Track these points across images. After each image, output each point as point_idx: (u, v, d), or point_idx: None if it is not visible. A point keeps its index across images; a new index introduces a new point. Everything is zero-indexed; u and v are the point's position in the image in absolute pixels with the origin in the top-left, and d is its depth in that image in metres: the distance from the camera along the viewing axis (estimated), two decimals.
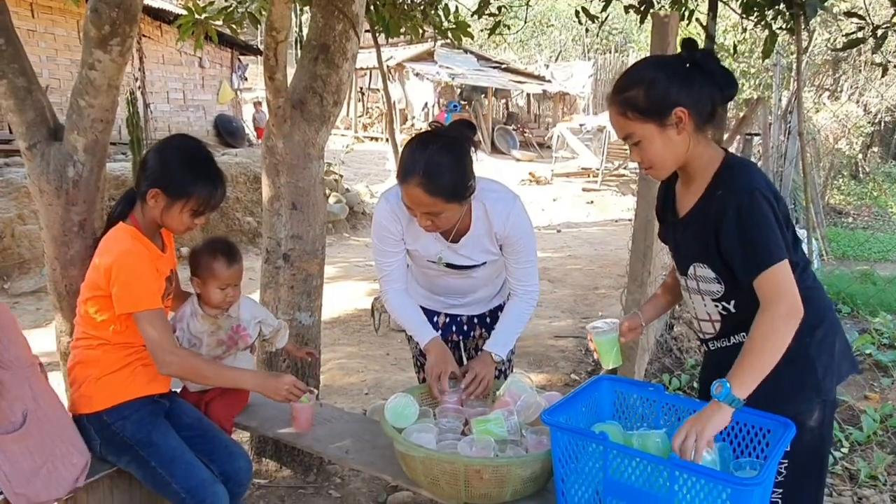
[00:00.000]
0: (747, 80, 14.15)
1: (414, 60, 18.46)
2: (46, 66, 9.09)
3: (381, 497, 2.93)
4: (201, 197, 2.01)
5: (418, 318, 2.30)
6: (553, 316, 6.00)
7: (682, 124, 1.60)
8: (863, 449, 3.36)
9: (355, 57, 2.83)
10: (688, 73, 1.60)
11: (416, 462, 1.81)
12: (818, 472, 1.75)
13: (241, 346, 2.40)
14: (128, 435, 2.02)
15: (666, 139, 1.62)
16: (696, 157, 1.66)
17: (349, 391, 4.25)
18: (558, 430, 1.62)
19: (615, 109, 1.65)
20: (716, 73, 1.61)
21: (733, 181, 1.62)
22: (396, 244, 2.21)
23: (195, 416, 2.24)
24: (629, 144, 1.68)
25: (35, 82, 2.32)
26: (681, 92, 1.58)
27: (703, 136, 1.66)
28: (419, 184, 1.90)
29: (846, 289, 6.03)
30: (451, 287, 2.34)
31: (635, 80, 1.62)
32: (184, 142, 2.12)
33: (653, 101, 1.59)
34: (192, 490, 1.97)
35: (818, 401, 1.68)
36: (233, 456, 2.16)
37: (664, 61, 1.67)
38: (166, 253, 2.17)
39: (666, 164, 1.68)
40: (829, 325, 1.70)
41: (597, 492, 1.61)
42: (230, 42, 11.89)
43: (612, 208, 13.69)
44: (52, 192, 2.28)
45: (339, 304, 6.18)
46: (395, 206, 2.14)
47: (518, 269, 2.20)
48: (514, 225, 2.11)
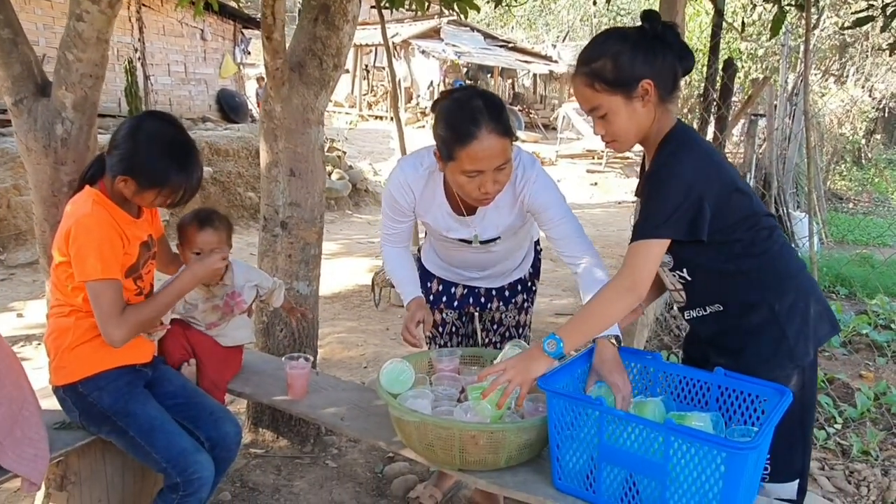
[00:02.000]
0: (754, 62, 14.01)
1: (420, 38, 18.31)
2: (43, 35, 9.00)
3: (378, 468, 2.93)
4: (176, 186, 1.92)
5: (407, 275, 2.22)
6: (554, 294, 6.00)
7: (647, 96, 1.61)
8: (856, 425, 3.37)
9: (356, 19, 2.77)
10: (651, 44, 1.60)
11: (410, 427, 1.80)
12: (803, 439, 1.74)
13: (237, 313, 2.38)
14: (105, 406, 1.96)
15: (631, 111, 1.63)
16: (657, 130, 1.68)
17: (348, 365, 4.24)
18: (554, 396, 1.60)
19: (582, 81, 1.65)
20: (676, 45, 1.62)
21: (662, 150, 1.65)
22: (405, 214, 2.14)
23: (179, 382, 2.18)
24: (594, 117, 1.68)
25: (21, 34, 2.22)
26: (645, 64, 1.59)
27: (665, 109, 1.67)
28: (492, 129, 1.77)
29: (844, 271, 6.05)
30: (469, 261, 2.27)
31: (602, 52, 1.62)
32: (159, 127, 1.96)
33: (620, 73, 1.59)
34: (173, 459, 1.92)
35: (792, 366, 1.68)
36: (218, 421, 2.09)
37: (627, 33, 1.66)
38: (141, 218, 2.07)
39: (629, 137, 1.68)
40: (799, 291, 1.70)
41: (592, 458, 1.59)
42: (233, 15, 11.78)
43: (616, 190, 13.64)
44: (40, 150, 2.22)
45: (340, 279, 6.18)
46: (410, 177, 2.05)
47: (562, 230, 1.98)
48: (539, 186, 1.97)
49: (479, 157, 1.78)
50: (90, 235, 1.87)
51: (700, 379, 1.72)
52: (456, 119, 1.80)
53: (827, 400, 3.47)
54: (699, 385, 1.72)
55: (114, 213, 1.96)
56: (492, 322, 2.47)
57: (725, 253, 1.66)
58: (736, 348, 1.71)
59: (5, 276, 5.98)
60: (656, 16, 1.63)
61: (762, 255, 1.67)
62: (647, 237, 1.60)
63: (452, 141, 1.80)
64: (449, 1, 4.58)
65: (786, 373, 1.67)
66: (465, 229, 2.11)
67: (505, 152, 1.81)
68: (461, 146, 1.78)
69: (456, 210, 2.07)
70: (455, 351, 2.20)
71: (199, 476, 1.93)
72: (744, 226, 1.65)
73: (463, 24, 19.08)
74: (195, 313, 2.34)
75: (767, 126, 7.64)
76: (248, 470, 2.88)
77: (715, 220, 1.60)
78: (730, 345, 1.73)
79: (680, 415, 1.58)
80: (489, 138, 1.76)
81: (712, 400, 1.69)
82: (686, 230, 1.59)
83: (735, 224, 1.64)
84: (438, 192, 2.07)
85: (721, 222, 1.61)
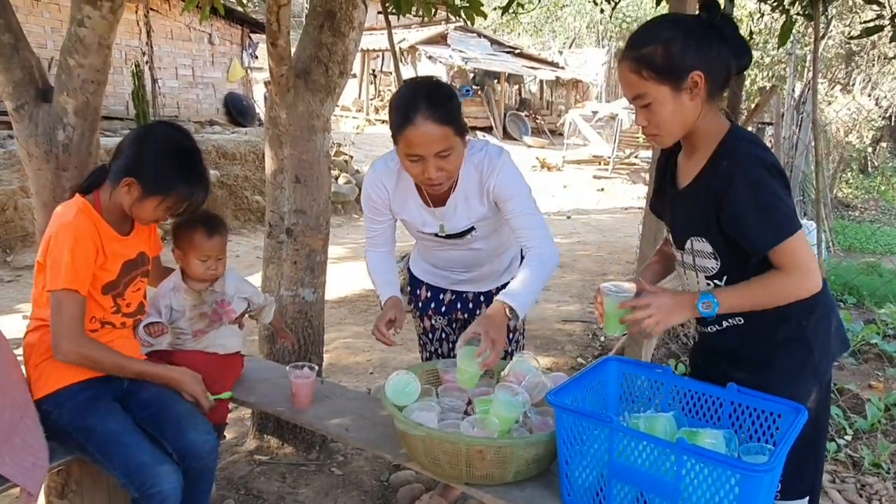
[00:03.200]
0: (761, 70, 13.95)
1: (427, 43, 18.32)
2: (51, 38, 9.00)
3: (384, 476, 2.90)
4: (180, 196, 1.90)
5: (384, 276, 2.23)
6: (561, 300, 5.96)
7: (696, 89, 1.52)
8: (867, 437, 3.32)
9: (362, 26, 2.76)
10: (706, 35, 1.51)
11: (416, 441, 1.77)
12: (815, 456, 1.71)
13: (225, 321, 2.33)
14: (65, 423, 1.90)
15: (678, 104, 1.53)
16: (704, 126, 1.58)
17: (354, 371, 4.22)
18: (563, 412, 1.57)
19: (628, 66, 1.54)
20: (733, 39, 1.53)
21: (740, 152, 1.54)
22: (382, 213, 2.20)
23: (154, 390, 2.06)
24: (636, 106, 1.58)
25: (23, 39, 2.20)
26: (698, 55, 1.50)
27: (714, 105, 1.58)
28: (428, 116, 1.83)
29: (852, 280, 5.99)
30: (453, 259, 2.28)
31: (653, 38, 1.52)
32: (171, 133, 1.96)
33: (671, 62, 1.49)
34: (131, 474, 1.83)
35: (814, 383, 1.65)
36: (182, 430, 1.96)
37: (683, 20, 1.57)
38: (131, 236, 2.04)
39: (674, 131, 1.58)
40: (824, 307, 1.66)
41: (602, 475, 1.56)
42: (240, 19, 11.80)
43: (623, 196, 13.61)
44: (41, 156, 2.20)
45: (346, 283, 6.16)
46: (381, 174, 2.12)
47: (522, 222, 2.05)
48: (504, 177, 2.02)
49: (416, 142, 1.85)
50: (65, 244, 1.83)
51: (712, 394, 1.68)
52: (399, 105, 1.90)
53: (837, 411, 3.43)
54: (711, 400, 1.69)
55: (98, 226, 1.93)
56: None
57: (762, 266, 1.57)
58: (758, 362, 1.66)
59: (12, 277, 5.99)
60: (716, 6, 1.53)
61: None
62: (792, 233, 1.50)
63: (394, 125, 1.90)
64: (456, 7, 4.57)
65: (807, 389, 1.63)
66: (438, 221, 2.14)
67: (444, 140, 1.87)
68: (400, 131, 1.88)
69: (426, 202, 2.11)
70: None
71: (158, 490, 1.82)
72: None
73: (469, 31, 19.07)
74: (181, 322, 2.27)
75: (774, 134, 7.60)
76: (252, 477, 2.86)
77: None
78: (751, 358, 1.67)
79: (692, 431, 1.54)
80: (425, 125, 1.83)
81: (724, 416, 1.65)
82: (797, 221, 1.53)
83: None
84: (410, 186, 2.11)
85: None
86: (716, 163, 1.57)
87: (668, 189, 1.77)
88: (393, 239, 2.28)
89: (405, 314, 2.15)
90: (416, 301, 2.46)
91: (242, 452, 3.05)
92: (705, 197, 1.58)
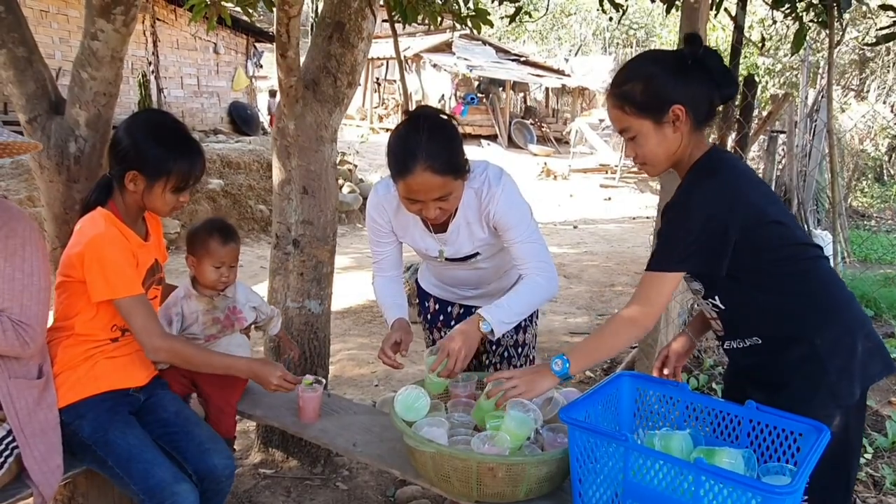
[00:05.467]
0: (772, 77, 13.89)
1: (431, 51, 18.36)
2: (59, 48, 9.08)
3: (390, 491, 2.86)
4: (181, 172, 1.91)
5: (392, 300, 2.20)
6: (568, 312, 5.91)
7: (678, 122, 1.57)
8: (888, 455, 3.26)
9: (371, 37, 2.75)
10: (687, 69, 1.56)
11: (426, 457, 1.73)
12: (845, 482, 1.66)
13: (237, 328, 2.33)
14: (84, 435, 1.90)
15: (661, 136, 1.60)
16: (690, 155, 1.64)
17: (359, 382, 4.19)
18: (576, 429, 1.54)
19: (612, 102, 1.63)
20: (715, 72, 1.57)
21: (686, 177, 1.63)
22: (386, 235, 2.17)
23: (174, 409, 2.08)
24: (625, 139, 1.66)
25: (36, 52, 2.23)
26: (677, 89, 1.56)
27: (699, 135, 1.63)
28: (427, 167, 1.81)
29: (870, 292, 5.89)
30: (460, 278, 2.26)
31: (633, 75, 1.60)
32: (152, 116, 2.01)
33: (650, 97, 1.57)
34: (150, 490, 1.82)
35: (834, 406, 1.59)
36: (206, 454, 1.97)
37: (662, 56, 1.63)
38: (149, 241, 2.06)
39: (659, 161, 1.65)
40: (845, 325, 1.61)
41: (616, 494, 1.52)
42: (246, 28, 11.86)
43: (630, 205, 13.55)
44: (53, 168, 2.22)
45: (350, 294, 6.13)
46: (383, 198, 2.10)
47: (518, 248, 2.02)
48: (503, 204, 1.98)
49: (414, 189, 1.84)
50: (107, 253, 1.86)
51: (730, 412, 1.64)
52: (397, 151, 1.86)
53: None
54: (729, 418, 1.65)
55: (126, 234, 1.95)
56: (490, 342, 2.41)
57: (759, 285, 1.60)
58: (774, 384, 1.63)
59: None
60: (698, 40, 1.58)
61: (801, 288, 1.59)
62: (660, 269, 1.59)
63: (393, 170, 1.87)
64: (462, 16, 4.56)
65: (827, 412, 1.57)
66: (442, 246, 2.12)
67: (444, 187, 1.85)
68: (399, 177, 1.85)
69: (427, 227, 2.09)
70: (471, 376, 2.13)
71: None
72: (779, 258, 1.58)
73: (474, 38, 19.12)
74: (194, 327, 2.26)
75: (787, 142, 7.55)
76: (257, 491, 2.82)
77: (744, 252, 1.54)
78: (767, 380, 1.65)
79: (709, 450, 1.50)
80: (423, 175, 1.81)
81: (743, 434, 1.62)
82: (703, 264, 1.57)
83: (769, 256, 1.57)
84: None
85: (751, 254, 1.55)
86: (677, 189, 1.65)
87: None
88: (400, 262, 2.26)
89: (412, 336, 2.12)
90: (424, 313, 2.45)
91: (247, 465, 3.02)
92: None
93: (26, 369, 1.80)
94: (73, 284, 1.91)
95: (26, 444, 1.76)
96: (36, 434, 1.78)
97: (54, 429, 1.83)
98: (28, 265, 1.72)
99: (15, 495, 1.80)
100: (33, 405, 1.79)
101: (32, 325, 1.72)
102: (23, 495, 1.82)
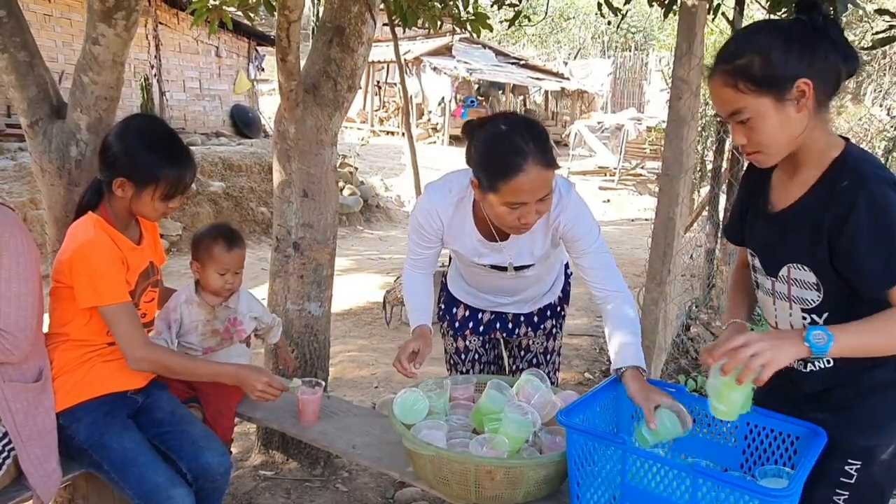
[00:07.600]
0: None
1: (431, 55, 18.37)
2: (62, 52, 9.09)
3: (389, 493, 2.87)
4: (170, 180, 1.90)
5: (420, 302, 2.13)
6: (569, 313, 5.88)
7: (804, 99, 1.34)
8: None
9: (371, 41, 2.76)
10: (810, 39, 1.34)
11: (425, 460, 1.74)
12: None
13: (235, 340, 2.32)
14: (81, 438, 1.90)
15: (783, 117, 1.36)
16: (812, 141, 1.40)
17: (359, 384, 4.19)
18: (574, 432, 1.55)
19: (722, 80, 1.38)
20: (839, 42, 1.36)
21: (862, 172, 1.36)
22: (432, 241, 2.06)
23: (170, 408, 2.08)
24: (732, 124, 1.41)
25: (38, 57, 2.24)
26: (802, 61, 1.33)
27: (823, 117, 1.40)
28: (538, 161, 1.67)
29: None
30: (500, 287, 2.20)
31: (749, 47, 1.36)
32: (145, 122, 2.00)
33: (771, 71, 1.33)
34: (145, 495, 1.83)
35: None
36: (199, 451, 1.97)
37: (781, 25, 1.40)
38: (142, 245, 2.05)
39: (779, 147, 1.40)
40: None
41: (614, 496, 1.53)
42: (247, 32, 11.87)
43: (629, 207, 13.56)
44: (54, 171, 2.23)
45: (350, 296, 6.14)
46: (438, 204, 1.97)
47: (593, 261, 1.92)
48: (573, 212, 1.89)
49: (524, 189, 1.69)
50: (95, 260, 1.85)
51: None
52: (500, 151, 1.71)
53: None
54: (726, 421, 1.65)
55: (116, 239, 1.94)
56: (519, 348, 2.41)
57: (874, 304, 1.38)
58: (845, 406, 1.51)
59: None
60: (816, 6, 1.36)
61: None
62: None
63: (496, 173, 1.71)
64: (462, 20, 4.58)
65: (892, 441, 1.46)
66: (498, 255, 2.03)
67: (548, 184, 1.73)
68: (505, 180, 1.68)
69: (488, 237, 1.99)
70: (470, 378, 2.15)
71: None
72: None
73: (474, 42, 19.15)
74: (192, 337, 2.26)
75: None
76: (257, 493, 2.83)
77: None
78: (837, 402, 1.52)
79: None
80: (534, 170, 1.67)
81: (740, 436, 1.63)
82: None
83: None
84: (468, 218, 1.99)
85: None
86: (830, 183, 1.40)
87: (761, 211, 1.59)
88: (435, 263, 2.18)
89: (430, 349, 2.02)
90: (451, 321, 2.38)
91: (247, 467, 3.02)
92: (816, 220, 1.41)
93: (22, 373, 1.80)
94: (65, 290, 1.91)
95: (23, 447, 1.76)
96: (33, 437, 1.78)
97: (51, 432, 1.83)
98: (5, 272, 1.68)
99: (14, 497, 1.81)
100: (30, 408, 1.79)
101: (13, 332, 1.70)
102: (22, 498, 1.82)
